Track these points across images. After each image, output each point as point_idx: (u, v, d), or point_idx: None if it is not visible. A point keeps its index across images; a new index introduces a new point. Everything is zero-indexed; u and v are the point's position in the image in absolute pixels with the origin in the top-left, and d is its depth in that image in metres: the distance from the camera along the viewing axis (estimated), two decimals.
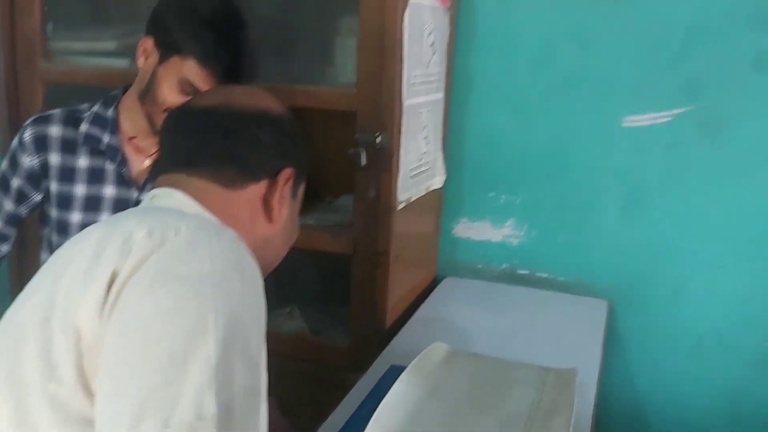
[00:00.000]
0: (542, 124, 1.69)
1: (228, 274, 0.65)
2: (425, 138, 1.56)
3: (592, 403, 1.24)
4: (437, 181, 1.68)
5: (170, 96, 1.15)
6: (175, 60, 1.14)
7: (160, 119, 1.16)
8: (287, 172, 0.85)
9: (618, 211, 1.68)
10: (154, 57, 1.16)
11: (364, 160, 1.37)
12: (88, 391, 0.60)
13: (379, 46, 1.31)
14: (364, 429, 1.00)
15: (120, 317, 0.60)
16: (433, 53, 1.52)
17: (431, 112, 1.57)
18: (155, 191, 0.82)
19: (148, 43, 1.18)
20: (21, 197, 1.22)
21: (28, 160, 1.19)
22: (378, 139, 1.35)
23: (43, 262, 1.23)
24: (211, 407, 0.54)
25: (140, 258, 0.63)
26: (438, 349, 1.29)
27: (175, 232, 0.66)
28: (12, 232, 1.23)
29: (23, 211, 1.23)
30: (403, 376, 1.15)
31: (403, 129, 1.41)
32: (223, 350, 0.58)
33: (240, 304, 0.64)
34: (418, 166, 1.53)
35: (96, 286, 0.63)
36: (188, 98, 1.12)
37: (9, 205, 1.21)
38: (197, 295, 0.61)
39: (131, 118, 1.20)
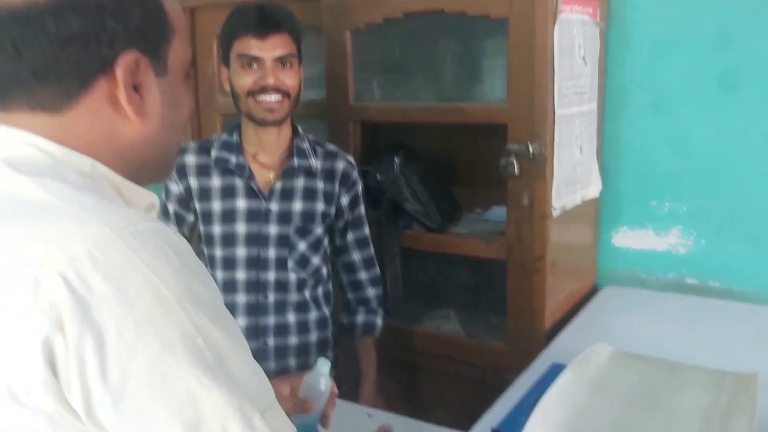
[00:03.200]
0: (704, 129, 1.62)
1: (174, 279, 0.55)
2: (579, 147, 1.57)
3: None
4: (593, 191, 1.68)
5: (239, 80, 1.27)
6: (231, 56, 1.29)
7: (253, 107, 1.28)
8: (128, 59, 0.63)
9: None
10: (227, 71, 1.32)
11: (516, 170, 1.42)
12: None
13: (528, 60, 1.37)
14: (526, 420, 1.02)
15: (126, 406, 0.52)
16: (585, 65, 1.55)
17: (584, 122, 1.58)
18: None
19: (223, 70, 1.34)
20: (179, 220, 1.39)
21: (175, 187, 1.36)
22: (531, 149, 1.40)
23: None
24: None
25: (79, 317, 0.51)
26: (602, 350, 1.27)
27: (88, 258, 0.52)
28: None
29: (185, 231, 1.39)
30: (567, 372, 1.16)
31: (556, 138, 1.44)
32: (226, 349, 0.55)
33: (199, 297, 0.56)
34: (573, 174, 1.55)
35: (23, 365, 0.52)
36: (254, 73, 1.26)
37: (172, 228, 1.39)
38: (169, 327, 0.53)
39: (247, 136, 1.35)
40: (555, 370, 1.20)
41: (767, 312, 1.55)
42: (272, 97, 1.28)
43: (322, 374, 1.00)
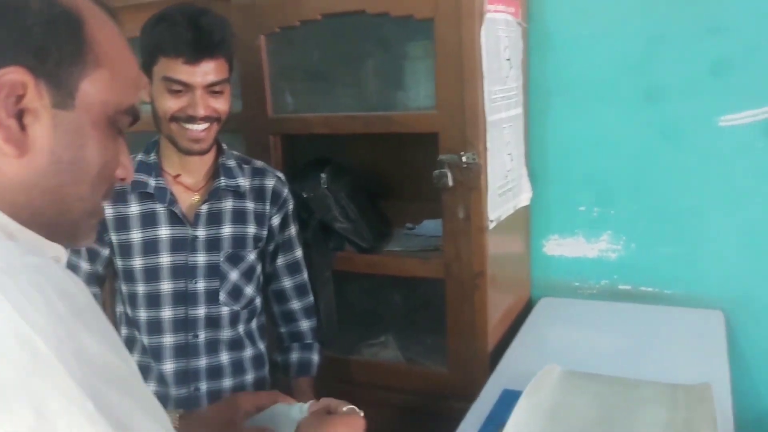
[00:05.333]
0: (627, 131, 1.61)
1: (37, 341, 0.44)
2: (509, 155, 1.51)
3: (731, 419, 1.12)
4: (524, 198, 1.62)
5: (163, 103, 1.12)
6: (154, 71, 1.12)
7: (177, 133, 1.14)
8: (10, 78, 0.53)
9: (726, 217, 1.56)
10: (148, 85, 1.16)
11: (450, 181, 1.33)
12: None
13: (457, 62, 1.29)
14: None
15: None
16: (510, 68, 1.49)
17: (512, 127, 1.53)
18: None
19: (144, 79, 1.17)
20: (92, 255, 1.22)
21: None
22: (464, 158, 1.32)
23: (120, 314, 1.25)
24: None
25: None
26: (552, 371, 1.21)
27: None
28: (96, 290, 1.24)
29: (99, 268, 1.23)
30: (522, 401, 1.08)
31: (489, 146, 1.37)
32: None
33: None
34: (505, 183, 1.48)
35: None
36: (180, 98, 1.11)
37: (84, 266, 1.22)
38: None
39: (168, 157, 1.21)
40: (507, 398, 1.13)
41: (699, 315, 1.56)
42: (200, 126, 1.13)
43: (296, 414, 0.88)
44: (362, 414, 0.86)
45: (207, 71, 1.11)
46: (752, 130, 1.51)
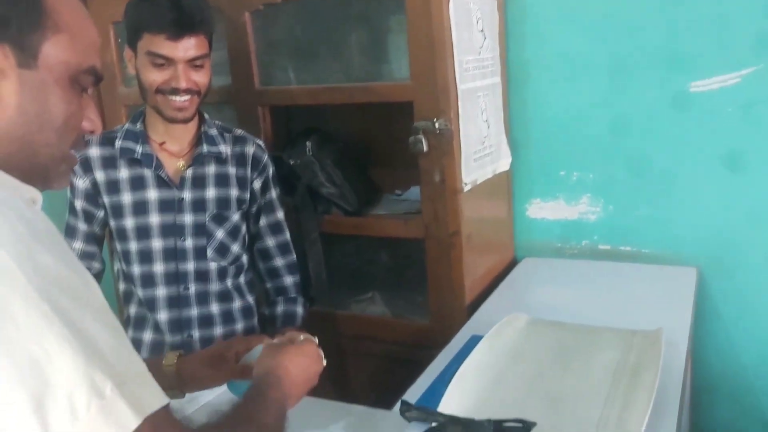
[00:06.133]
0: (604, 97, 1.68)
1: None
2: (485, 122, 1.59)
3: (684, 361, 1.20)
4: (503, 164, 1.70)
5: (148, 75, 1.22)
6: (138, 46, 1.22)
7: (162, 103, 1.24)
8: None
9: (699, 178, 1.62)
10: (133, 58, 1.27)
11: (425, 147, 1.42)
12: None
13: (428, 36, 1.37)
14: (444, 391, 1.03)
15: None
16: (484, 39, 1.56)
17: (488, 96, 1.60)
18: None
19: (128, 51, 1.28)
20: (88, 216, 1.32)
21: (81, 183, 1.30)
22: (437, 125, 1.40)
23: (117, 270, 1.37)
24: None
25: None
26: (518, 319, 1.30)
27: None
28: (95, 249, 1.36)
29: (96, 228, 1.33)
30: (483, 342, 1.17)
31: (461, 113, 1.45)
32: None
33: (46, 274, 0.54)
34: (482, 149, 1.56)
35: None
36: (164, 71, 1.21)
37: (82, 226, 1.34)
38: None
39: (153, 125, 1.31)
40: (474, 342, 1.21)
41: (674, 271, 1.63)
42: (183, 98, 1.24)
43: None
44: (317, 341, 0.95)
45: (188, 47, 1.21)
46: (722, 95, 1.57)
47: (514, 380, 1.11)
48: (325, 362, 0.94)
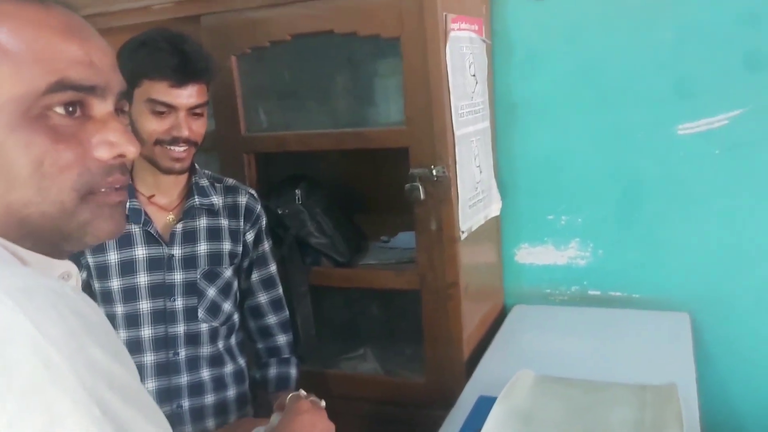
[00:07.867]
0: (588, 139, 1.67)
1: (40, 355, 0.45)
2: (478, 167, 1.55)
3: (698, 418, 1.17)
4: (495, 209, 1.67)
5: (147, 125, 1.15)
6: (135, 93, 1.15)
7: (159, 154, 1.17)
8: None
9: (689, 221, 1.62)
10: (126, 106, 1.17)
11: (422, 194, 1.37)
12: None
13: (424, 80, 1.33)
14: None
15: None
16: (476, 83, 1.53)
17: (480, 140, 1.57)
18: None
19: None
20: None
21: None
22: (435, 172, 1.35)
23: None
24: None
25: None
26: (525, 377, 1.24)
27: None
28: None
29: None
30: (496, 407, 1.11)
31: (458, 159, 1.40)
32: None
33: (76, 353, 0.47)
34: (475, 195, 1.52)
35: None
36: (164, 119, 1.14)
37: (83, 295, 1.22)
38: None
39: (142, 178, 1.23)
40: (483, 404, 1.16)
41: (666, 317, 1.61)
42: (182, 148, 1.17)
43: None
44: (323, 404, 0.94)
45: (191, 94, 1.16)
46: (709, 138, 1.58)
47: None
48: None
